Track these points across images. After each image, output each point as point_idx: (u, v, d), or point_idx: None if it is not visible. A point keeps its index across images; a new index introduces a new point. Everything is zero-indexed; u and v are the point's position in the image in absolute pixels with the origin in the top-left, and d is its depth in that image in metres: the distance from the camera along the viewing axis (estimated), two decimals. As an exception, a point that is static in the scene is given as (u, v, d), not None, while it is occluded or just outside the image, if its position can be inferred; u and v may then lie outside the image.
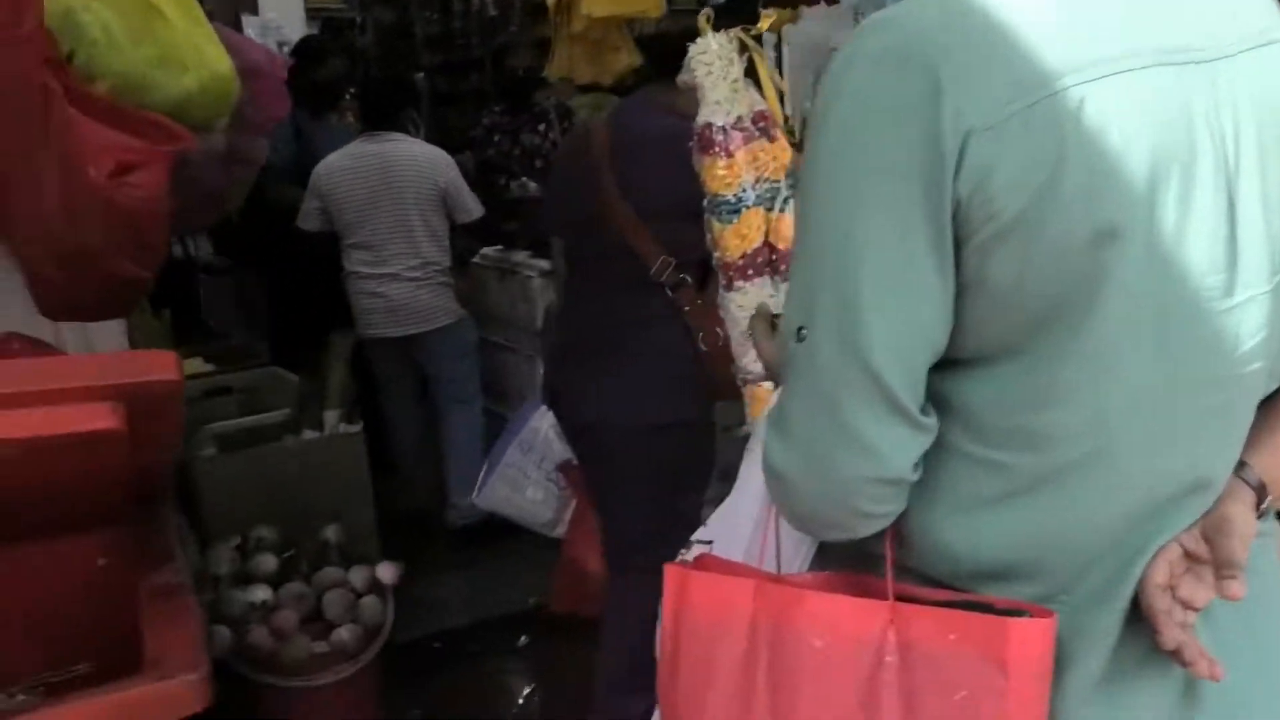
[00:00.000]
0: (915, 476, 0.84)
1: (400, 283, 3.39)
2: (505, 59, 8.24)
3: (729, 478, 1.85)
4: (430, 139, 3.91)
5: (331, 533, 2.58)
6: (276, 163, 3.56)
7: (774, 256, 1.43)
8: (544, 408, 2.47)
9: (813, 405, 0.83)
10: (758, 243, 1.39)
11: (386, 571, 2.44)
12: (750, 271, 1.38)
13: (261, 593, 2.29)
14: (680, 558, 1.18)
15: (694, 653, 0.95)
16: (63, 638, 1.52)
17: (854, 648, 0.85)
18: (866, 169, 0.79)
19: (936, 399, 0.84)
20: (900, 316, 0.80)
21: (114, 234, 1.67)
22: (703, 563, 1.04)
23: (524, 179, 4.20)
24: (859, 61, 0.81)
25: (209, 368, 3.48)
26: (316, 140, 3.80)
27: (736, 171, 1.46)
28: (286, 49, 4.15)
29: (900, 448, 0.82)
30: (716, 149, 1.51)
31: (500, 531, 3.57)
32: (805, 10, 2.13)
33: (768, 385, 1.37)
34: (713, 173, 1.51)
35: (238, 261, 4.36)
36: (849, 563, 0.95)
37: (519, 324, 3.76)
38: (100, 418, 1.11)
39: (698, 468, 2.20)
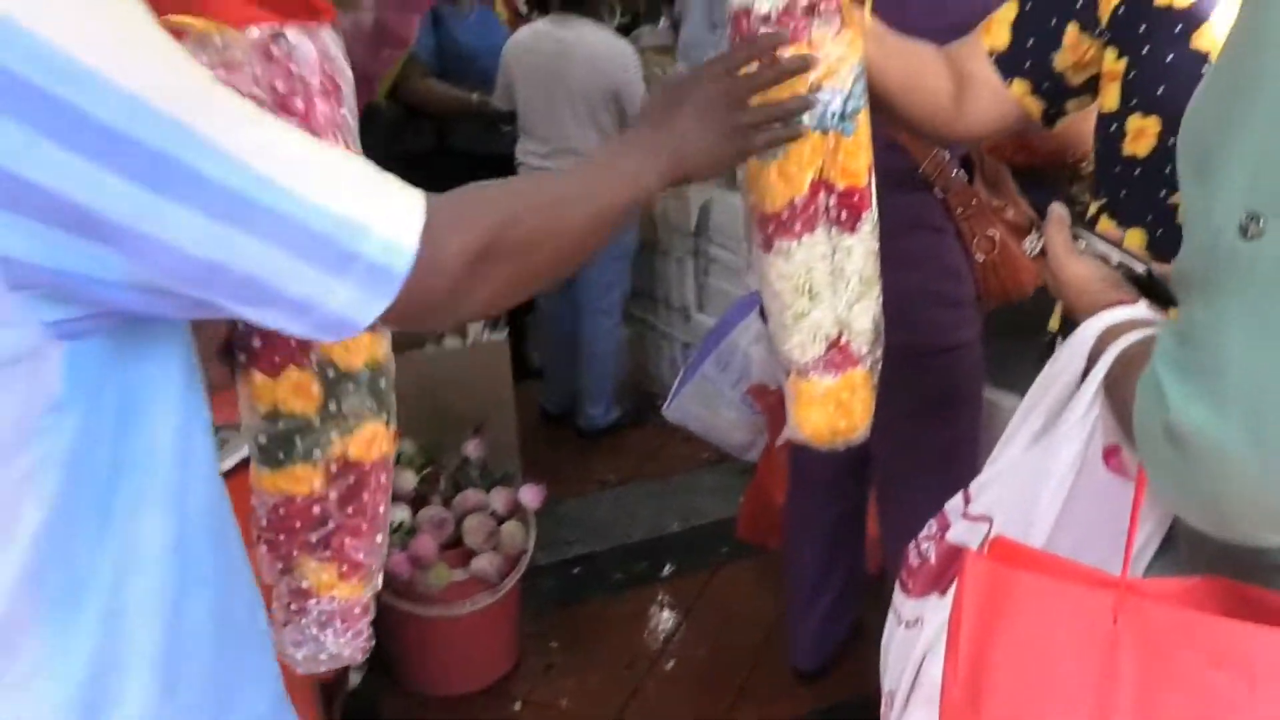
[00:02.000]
0: None
1: None
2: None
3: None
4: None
5: (472, 448, 2.42)
6: (418, 53, 3.39)
7: (831, 201, 1.05)
8: (747, 322, 2.24)
9: (1272, 339, 0.55)
10: (809, 182, 1.02)
11: (530, 495, 2.27)
12: (799, 226, 1.02)
13: (400, 513, 2.15)
14: (947, 536, 0.93)
15: (1019, 676, 0.73)
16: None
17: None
18: None
19: None
20: None
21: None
22: (1001, 551, 0.79)
23: (680, 65, 3.87)
24: None
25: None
26: (457, 28, 3.58)
27: None
28: (432, -76, 3.91)
29: None
30: None
31: (646, 450, 3.44)
32: None
33: (822, 380, 1.03)
34: None
35: (370, 158, 4.20)
36: (1223, 567, 0.71)
37: (670, 224, 3.51)
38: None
39: (967, 397, 1.96)
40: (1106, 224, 1.15)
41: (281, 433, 0.86)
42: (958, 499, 0.97)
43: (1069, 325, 1.25)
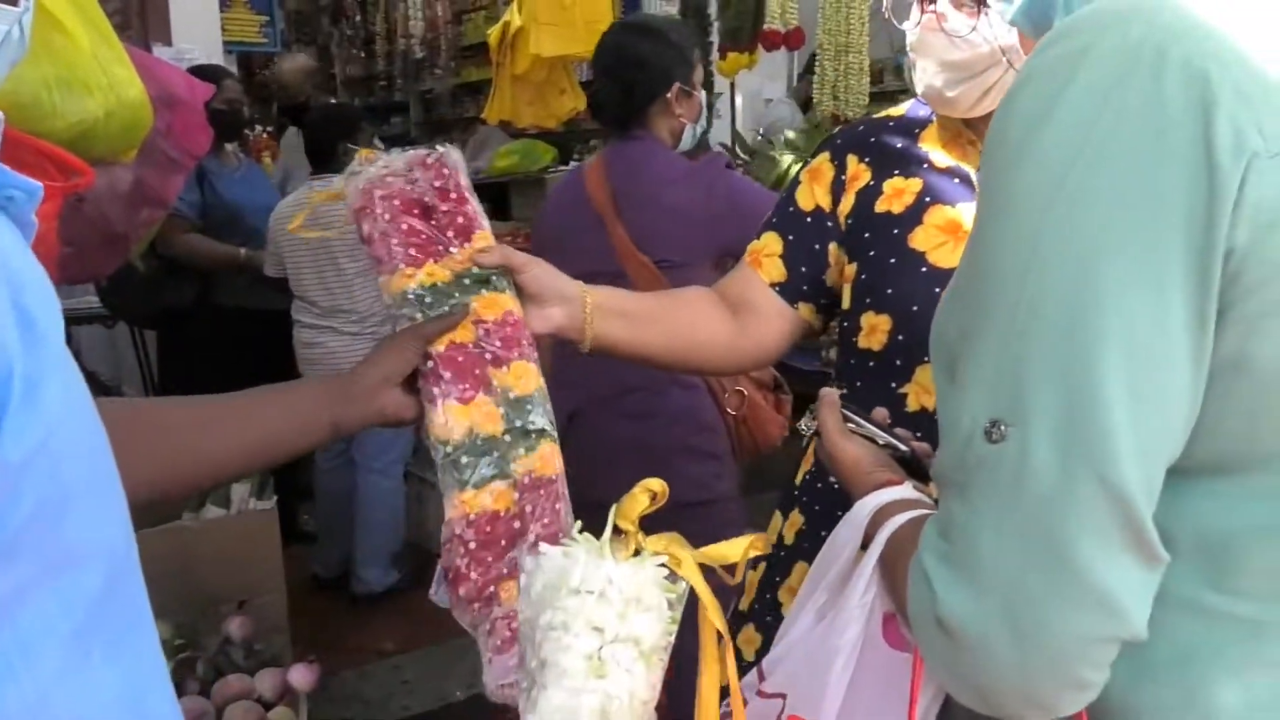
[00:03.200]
0: (1146, 633, 0.62)
1: (339, 335, 3.21)
2: (432, 103, 8.03)
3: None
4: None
5: (236, 626, 2.25)
6: (180, 208, 3.29)
7: None
8: None
9: (1018, 536, 0.61)
10: None
11: (301, 675, 2.11)
12: None
13: (152, 704, 1.95)
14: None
15: None
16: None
17: None
18: (1108, 200, 0.58)
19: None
20: (1153, 412, 0.58)
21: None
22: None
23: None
24: (1093, 56, 0.59)
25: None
26: (222, 184, 3.51)
27: None
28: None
29: (1140, 595, 0.61)
30: None
31: (426, 613, 3.30)
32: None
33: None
34: None
35: (126, 314, 3.96)
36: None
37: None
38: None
39: None
40: None
41: (480, 451, 0.98)
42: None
43: (814, 479, 1.33)
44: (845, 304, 1.26)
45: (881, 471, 0.92)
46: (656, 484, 0.76)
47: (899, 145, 1.27)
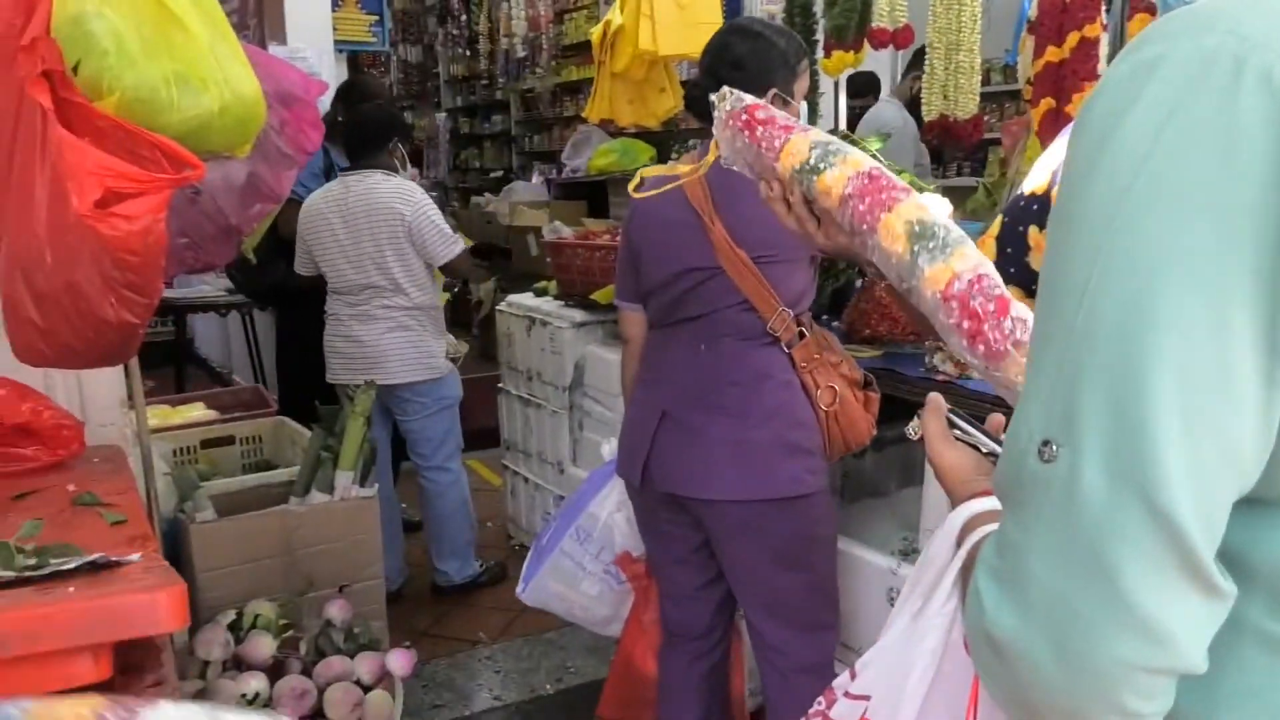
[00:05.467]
0: (1205, 665, 0.58)
1: (373, 325, 3.15)
2: (533, 102, 8.12)
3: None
4: (454, 181, 3.66)
5: (337, 610, 2.30)
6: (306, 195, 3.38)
7: None
8: (605, 491, 2.23)
9: (1066, 557, 0.58)
10: None
11: (398, 661, 2.16)
12: None
13: (256, 683, 2.02)
14: (830, 713, 0.92)
15: None
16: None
17: None
18: (1170, 216, 0.54)
19: (1226, 555, 0.58)
20: (1209, 438, 0.55)
21: (98, 271, 1.43)
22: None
23: (555, 222, 3.97)
24: (1165, 66, 0.56)
25: (211, 414, 3.23)
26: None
27: None
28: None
29: (1194, 626, 0.57)
30: None
31: (518, 607, 3.33)
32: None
33: None
34: None
35: (256, 302, 4.14)
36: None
37: (546, 378, 3.52)
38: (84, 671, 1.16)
39: (823, 541, 2.02)
40: None
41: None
42: (845, 676, 0.97)
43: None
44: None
45: (980, 480, 0.89)
46: None
47: None
